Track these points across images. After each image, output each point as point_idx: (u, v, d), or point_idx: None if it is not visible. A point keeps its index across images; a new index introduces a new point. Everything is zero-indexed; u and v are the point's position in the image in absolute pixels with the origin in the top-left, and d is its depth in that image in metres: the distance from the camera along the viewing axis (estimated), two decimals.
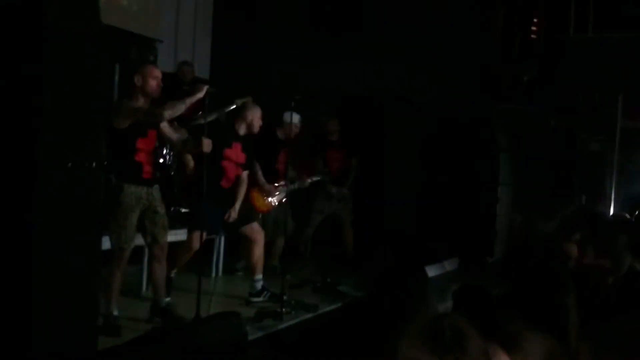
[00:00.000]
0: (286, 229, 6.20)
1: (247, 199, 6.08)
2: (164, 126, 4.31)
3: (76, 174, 2.44)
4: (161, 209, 4.29)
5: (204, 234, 4.56)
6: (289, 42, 8.43)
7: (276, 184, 6.17)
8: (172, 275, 5.04)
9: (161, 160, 5.80)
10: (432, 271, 6.53)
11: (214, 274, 6.15)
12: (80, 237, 2.44)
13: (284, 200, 6.22)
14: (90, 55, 2.47)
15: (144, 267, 5.18)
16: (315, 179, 6.60)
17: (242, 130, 5.20)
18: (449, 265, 7.18)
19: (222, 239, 6.23)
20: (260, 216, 6.02)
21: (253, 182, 6.02)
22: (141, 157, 4.15)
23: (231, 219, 5.07)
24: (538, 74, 7.02)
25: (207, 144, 4.33)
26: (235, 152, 5.11)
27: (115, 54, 6.34)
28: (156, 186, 4.28)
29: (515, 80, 7.41)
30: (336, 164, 7.10)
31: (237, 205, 5.10)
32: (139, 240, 4.38)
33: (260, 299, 5.24)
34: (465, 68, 8.32)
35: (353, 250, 7.21)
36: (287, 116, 6.12)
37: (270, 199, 6.12)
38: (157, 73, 4.22)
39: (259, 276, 5.29)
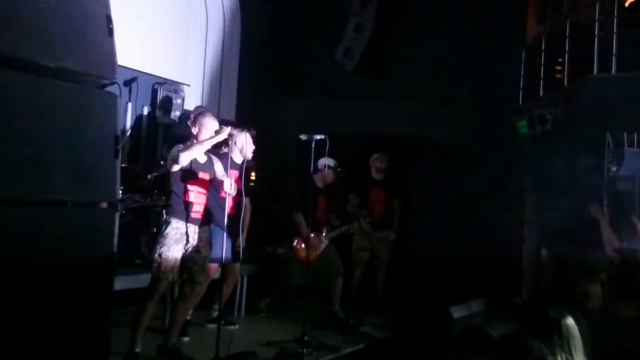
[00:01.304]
0: (339, 269, 6.16)
1: (291, 250, 6.09)
2: (219, 169, 4.41)
3: (87, 214, 2.48)
4: (204, 251, 4.33)
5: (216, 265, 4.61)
6: (314, 85, 8.56)
7: (320, 235, 6.13)
8: (188, 317, 5.07)
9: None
10: (457, 312, 6.41)
11: (236, 314, 6.13)
12: (91, 277, 2.46)
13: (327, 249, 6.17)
14: (102, 97, 2.54)
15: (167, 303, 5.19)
16: (357, 224, 6.45)
17: (236, 158, 5.20)
18: (476, 306, 7.04)
19: (245, 278, 6.23)
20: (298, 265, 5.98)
21: (295, 231, 6.03)
22: (191, 197, 4.27)
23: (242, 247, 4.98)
24: (563, 113, 6.97)
25: (227, 184, 4.37)
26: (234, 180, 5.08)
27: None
28: (205, 227, 4.36)
29: (540, 120, 7.36)
30: (379, 206, 6.94)
31: (244, 235, 5.03)
32: None
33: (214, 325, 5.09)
34: (490, 108, 8.35)
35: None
36: (322, 162, 6.09)
37: (315, 249, 6.05)
38: (215, 125, 4.35)
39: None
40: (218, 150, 4.84)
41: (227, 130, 4.29)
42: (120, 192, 5.74)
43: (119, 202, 5.55)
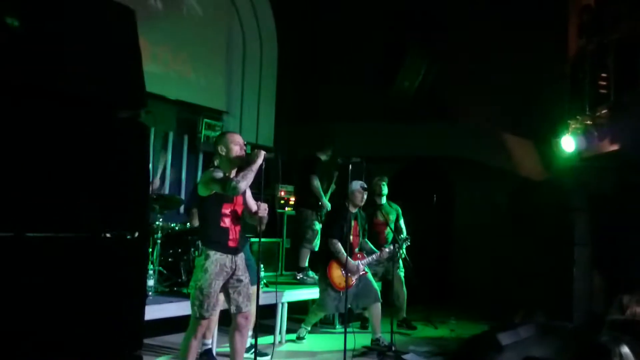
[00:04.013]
0: (377, 294, 6.05)
1: (325, 277, 5.98)
2: (248, 197, 4.30)
3: (118, 244, 2.46)
4: (245, 278, 4.20)
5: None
6: (351, 106, 8.55)
7: (358, 261, 6.02)
8: (209, 345, 5.03)
9: None
10: (506, 339, 6.16)
11: (278, 340, 6.06)
12: (122, 306, 2.44)
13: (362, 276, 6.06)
14: (133, 127, 2.54)
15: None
16: (393, 249, 6.26)
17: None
18: (524, 332, 6.77)
19: (286, 305, 6.16)
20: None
21: (329, 258, 5.92)
22: (227, 222, 4.12)
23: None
24: (609, 129, 6.73)
25: (263, 209, 4.29)
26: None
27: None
28: (241, 254, 4.23)
29: (587, 135, 7.13)
30: (383, 228, 6.96)
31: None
32: None
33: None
34: (535, 126, 8.16)
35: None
36: (353, 185, 5.98)
37: (352, 276, 5.94)
38: (239, 139, 4.26)
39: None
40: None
41: (262, 153, 4.20)
42: (161, 219, 5.82)
43: (156, 230, 5.63)
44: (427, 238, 7.31)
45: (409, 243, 6.57)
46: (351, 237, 5.96)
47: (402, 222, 7.13)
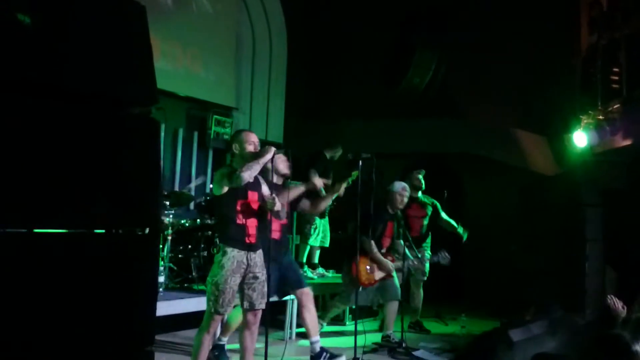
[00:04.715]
0: (397, 292, 6.02)
1: (349, 273, 5.90)
2: (265, 190, 4.30)
3: (129, 241, 2.47)
4: (262, 275, 4.20)
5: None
6: (361, 102, 8.54)
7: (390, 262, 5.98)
8: (224, 342, 5.04)
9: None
10: (517, 335, 6.14)
11: (287, 337, 6.07)
12: (134, 302, 2.44)
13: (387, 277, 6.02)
14: (144, 123, 2.54)
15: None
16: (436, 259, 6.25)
17: (276, 180, 4.93)
18: (536, 328, 6.74)
19: (295, 301, 6.17)
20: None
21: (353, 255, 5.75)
22: (243, 219, 4.13)
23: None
24: (621, 124, 6.68)
25: (278, 205, 4.29)
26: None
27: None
28: (259, 251, 4.24)
29: (599, 130, 7.08)
30: (418, 222, 6.80)
31: None
32: None
33: None
34: (546, 122, 8.12)
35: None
36: (395, 186, 6.00)
37: (375, 273, 5.94)
38: (254, 137, 4.27)
39: (315, 338, 5.10)
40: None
41: (272, 149, 4.19)
42: (171, 216, 5.84)
43: (166, 226, 5.65)
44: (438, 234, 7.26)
45: (447, 263, 6.38)
46: (385, 239, 5.98)
47: (445, 216, 6.95)
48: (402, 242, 6.14)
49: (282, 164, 4.88)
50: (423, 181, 6.85)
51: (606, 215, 7.28)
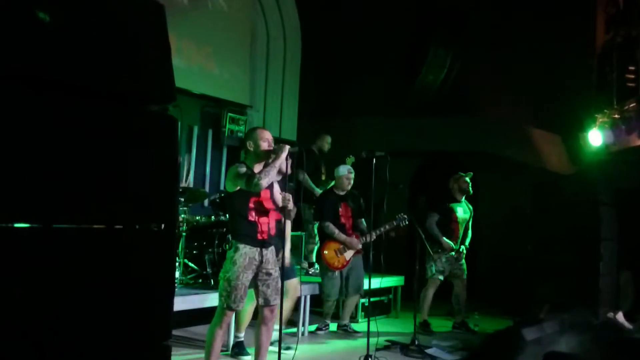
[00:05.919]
0: (359, 287, 6.25)
1: (322, 260, 6.22)
2: (276, 191, 4.31)
3: (145, 237, 2.49)
4: (275, 272, 4.23)
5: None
6: (374, 100, 8.53)
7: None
8: (241, 338, 5.12)
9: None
10: (530, 334, 6.13)
11: (300, 335, 6.09)
12: (150, 300, 2.47)
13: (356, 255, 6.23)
14: (161, 120, 2.56)
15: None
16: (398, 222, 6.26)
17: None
18: (549, 327, 6.72)
19: (308, 297, 6.20)
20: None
21: (322, 239, 6.23)
22: (255, 216, 4.15)
23: (287, 264, 4.86)
24: (637, 123, 6.63)
25: (287, 199, 4.29)
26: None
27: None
28: (272, 248, 4.25)
29: (614, 129, 7.04)
30: (458, 225, 6.92)
31: (288, 250, 4.91)
32: None
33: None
34: (561, 120, 8.07)
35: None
36: (340, 170, 6.27)
37: (344, 255, 6.17)
38: (268, 135, 4.29)
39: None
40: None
41: (287, 147, 4.21)
42: (185, 212, 5.89)
43: (181, 223, 5.69)
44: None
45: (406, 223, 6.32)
46: (342, 219, 6.22)
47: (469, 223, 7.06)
48: (363, 220, 6.35)
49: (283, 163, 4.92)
50: (470, 184, 6.92)
51: (621, 215, 7.24)
